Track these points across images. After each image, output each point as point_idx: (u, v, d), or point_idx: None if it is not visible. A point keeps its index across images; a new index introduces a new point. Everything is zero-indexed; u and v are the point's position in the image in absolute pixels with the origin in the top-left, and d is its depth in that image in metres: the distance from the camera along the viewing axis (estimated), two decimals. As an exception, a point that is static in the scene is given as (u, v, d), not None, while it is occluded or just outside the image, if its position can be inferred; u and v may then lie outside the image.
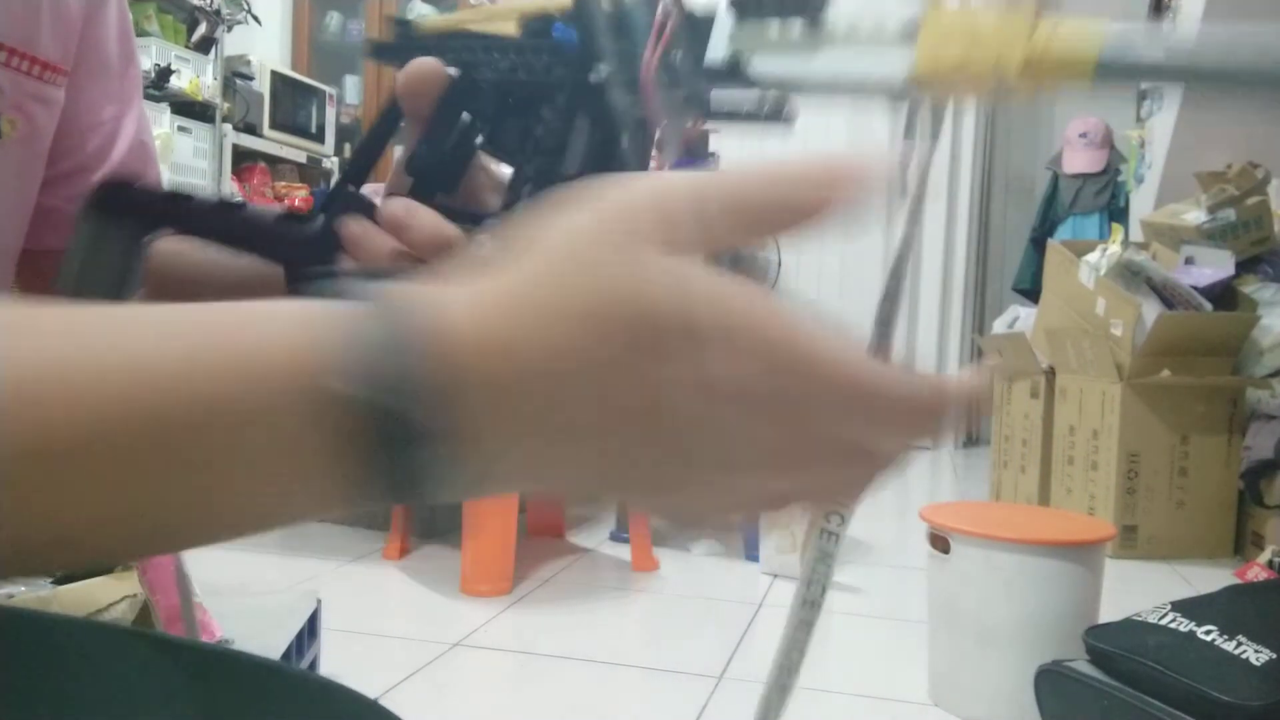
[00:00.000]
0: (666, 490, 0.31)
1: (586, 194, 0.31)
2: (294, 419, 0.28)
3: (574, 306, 0.29)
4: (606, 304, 0.29)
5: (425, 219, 0.43)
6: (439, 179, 0.46)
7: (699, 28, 0.40)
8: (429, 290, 0.30)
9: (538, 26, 0.44)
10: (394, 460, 0.28)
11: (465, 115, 0.45)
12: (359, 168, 0.48)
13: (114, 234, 0.52)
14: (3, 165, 0.57)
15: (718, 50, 0.40)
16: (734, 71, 0.40)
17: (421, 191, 0.46)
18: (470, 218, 0.44)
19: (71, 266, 0.52)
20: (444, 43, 0.46)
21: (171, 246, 0.58)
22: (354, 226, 0.45)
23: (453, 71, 0.45)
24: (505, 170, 0.46)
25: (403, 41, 0.48)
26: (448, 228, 0.43)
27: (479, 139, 0.46)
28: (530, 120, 0.44)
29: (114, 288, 0.53)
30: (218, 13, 3.72)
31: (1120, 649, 1.37)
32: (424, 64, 0.45)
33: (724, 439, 0.29)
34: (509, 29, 0.45)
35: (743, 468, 0.30)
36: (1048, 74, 0.36)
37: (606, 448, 0.29)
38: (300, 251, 0.47)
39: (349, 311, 0.29)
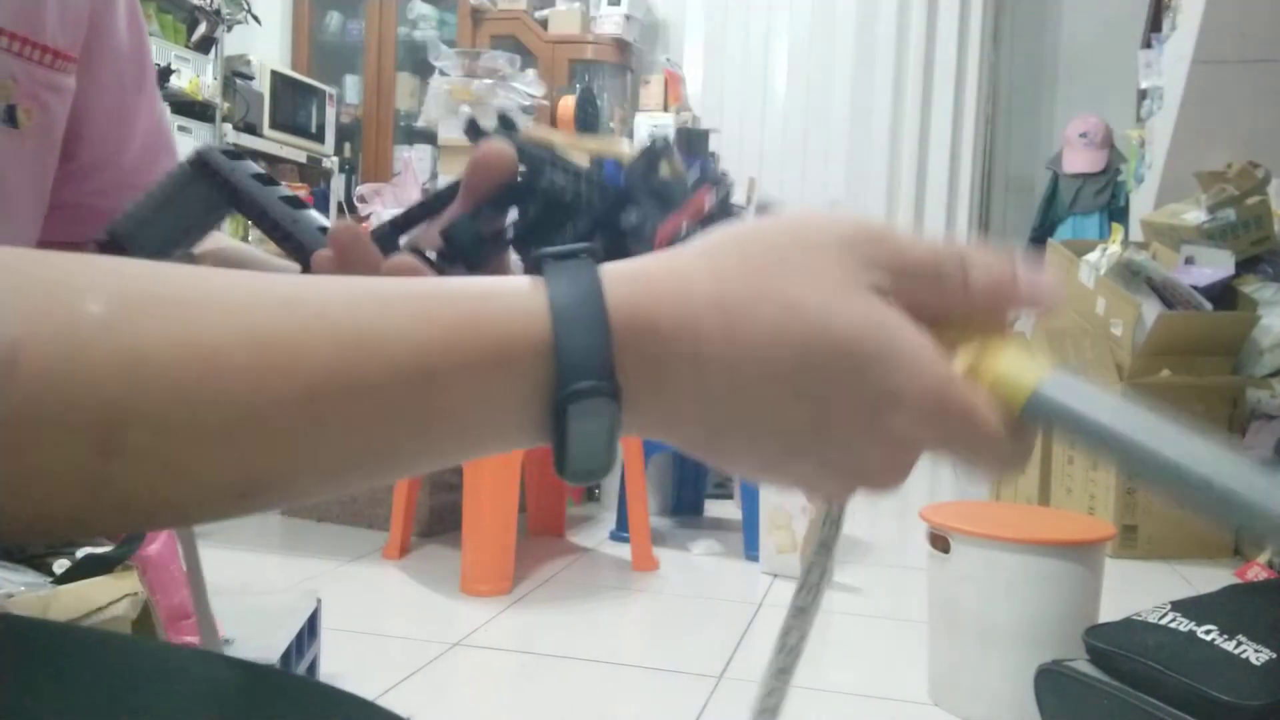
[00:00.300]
0: (782, 472, 0.37)
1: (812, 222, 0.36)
2: (503, 388, 0.32)
3: (783, 334, 0.33)
4: (810, 330, 0.33)
5: (362, 253, 0.48)
6: (468, 254, 0.49)
7: (728, 211, 0.46)
8: (643, 284, 0.34)
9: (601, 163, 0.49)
10: (579, 426, 0.32)
11: (514, 211, 0.49)
12: (410, 218, 0.52)
13: (199, 193, 0.58)
14: (20, 154, 0.57)
15: None
16: None
17: (447, 259, 0.49)
18: None
19: (148, 204, 0.58)
20: (526, 147, 0.49)
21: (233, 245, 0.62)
22: (344, 233, 0.49)
23: (521, 169, 0.48)
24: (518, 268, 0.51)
25: (500, 133, 0.51)
26: (383, 265, 0.47)
27: (511, 235, 0.50)
28: (556, 232, 0.48)
29: (174, 240, 0.59)
30: (218, 12, 3.72)
31: (1120, 649, 1.37)
32: (502, 149, 0.47)
33: (860, 457, 0.35)
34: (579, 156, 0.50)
35: (857, 476, 0.36)
36: (985, 385, 0.36)
37: (766, 444, 0.35)
38: None
39: (559, 300, 0.33)
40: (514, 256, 0.51)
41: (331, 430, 0.31)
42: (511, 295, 0.33)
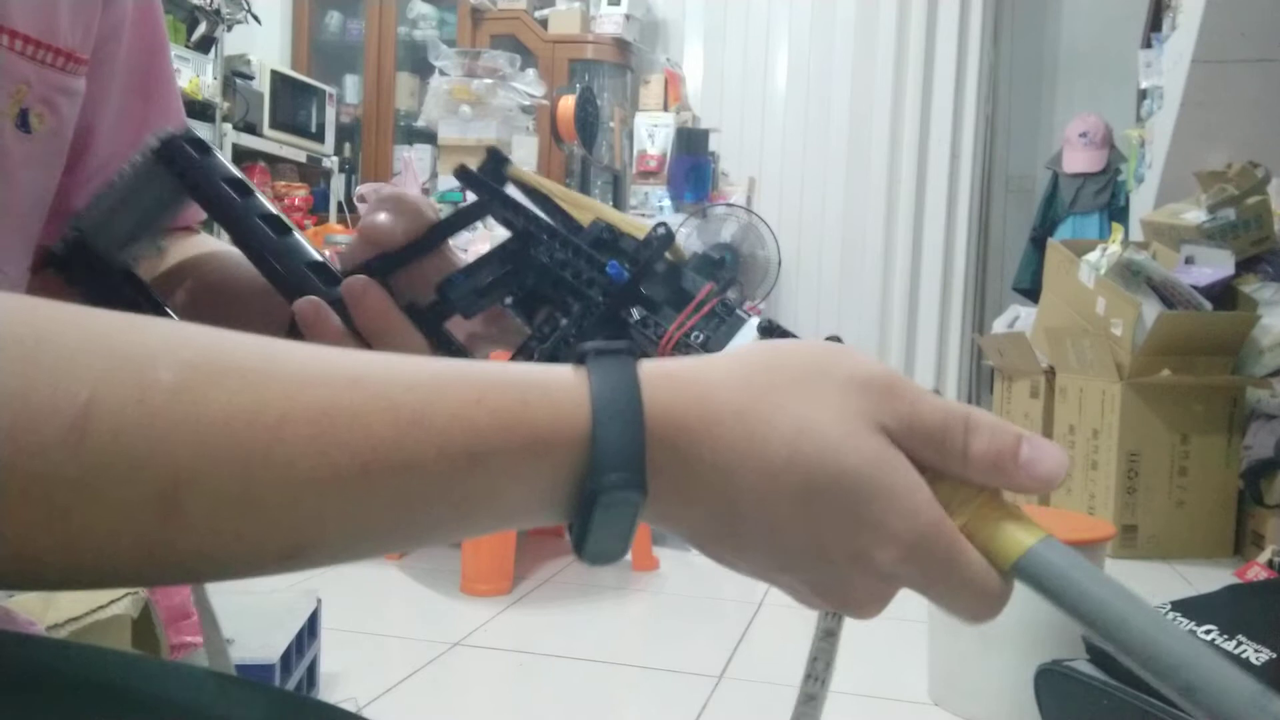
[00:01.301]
0: (773, 580, 0.40)
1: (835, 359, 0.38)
2: (539, 473, 0.34)
3: (797, 452, 0.36)
4: (823, 453, 0.36)
5: (374, 303, 0.50)
6: (462, 305, 0.52)
7: (731, 327, 0.47)
8: (677, 386, 0.36)
9: (604, 240, 0.50)
10: (604, 515, 0.35)
11: (512, 271, 0.51)
12: (389, 262, 0.53)
13: (162, 184, 0.56)
14: (32, 158, 0.56)
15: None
16: None
17: (440, 308, 0.51)
18: (456, 350, 0.52)
19: (111, 196, 0.56)
20: (518, 207, 0.52)
21: (211, 247, 0.60)
22: (307, 306, 0.50)
23: (517, 228, 0.52)
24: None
25: (489, 176, 0.54)
26: (394, 316, 0.50)
27: (509, 299, 0.52)
28: (559, 309, 0.50)
29: (136, 235, 0.57)
30: (218, 12, 3.72)
31: (1120, 649, 1.37)
32: (379, 225, 0.53)
33: (845, 584, 0.38)
34: (583, 217, 0.52)
35: (840, 600, 0.39)
36: (978, 540, 0.37)
37: (763, 554, 0.38)
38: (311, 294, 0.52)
39: (600, 395, 0.35)
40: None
41: (379, 503, 0.32)
42: (557, 387, 0.35)
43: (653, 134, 4.68)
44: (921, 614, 1.71)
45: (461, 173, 0.54)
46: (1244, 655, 1.28)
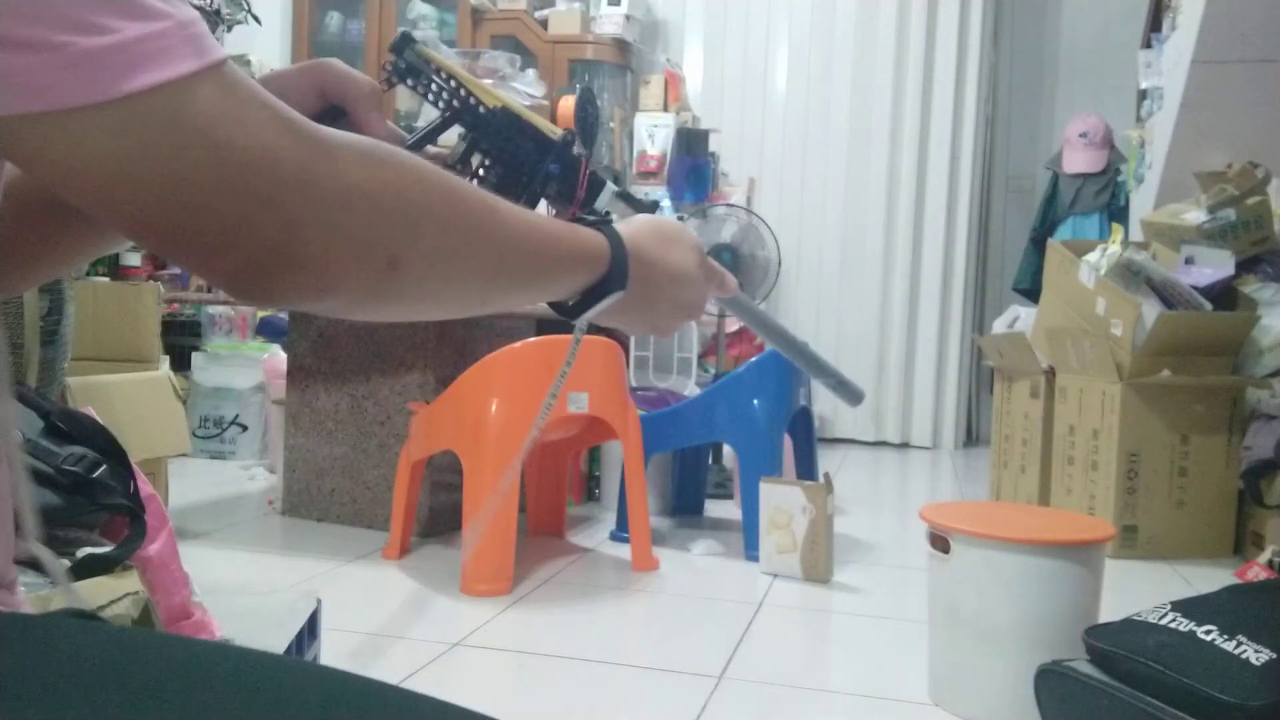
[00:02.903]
0: (659, 316, 0.75)
1: (668, 223, 0.76)
2: (575, 261, 0.66)
3: (675, 250, 0.74)
4: (679, 254, 0.74)
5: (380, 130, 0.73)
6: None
7: (596, 187, 0.80)
8: (620, 228, 0.70)
9: (514, 124, 0.77)
10: (603, 285, 0.68)
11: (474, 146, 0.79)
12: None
13: None
14: None
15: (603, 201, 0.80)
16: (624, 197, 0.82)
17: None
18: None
19: None
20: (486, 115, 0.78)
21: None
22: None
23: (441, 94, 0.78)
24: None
25: (411, 63, 0.77)
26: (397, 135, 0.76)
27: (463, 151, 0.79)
28: (502, 174, 0.78)
29: None
30: (218, 13, 3.72)
31: (1120, 649, 1.37)
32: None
33: (692, 291, 0.76)
34: (487, 99, 0.77)
35: (690, 308, 0.77)
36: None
37: (658, 295, 0.73)
38: None
39: (606, 235, 0.69)
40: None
41: (510, 262, 0.60)
42: (591, 235, 0.67)
43: (653, 134, 4.68)
44: (921, 614, 1.71)
45: (394, 67, 0.75)
46: (1244, 655, 1.28)
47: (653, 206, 0.80)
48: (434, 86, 0.76)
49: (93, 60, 0.40)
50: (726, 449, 3.44)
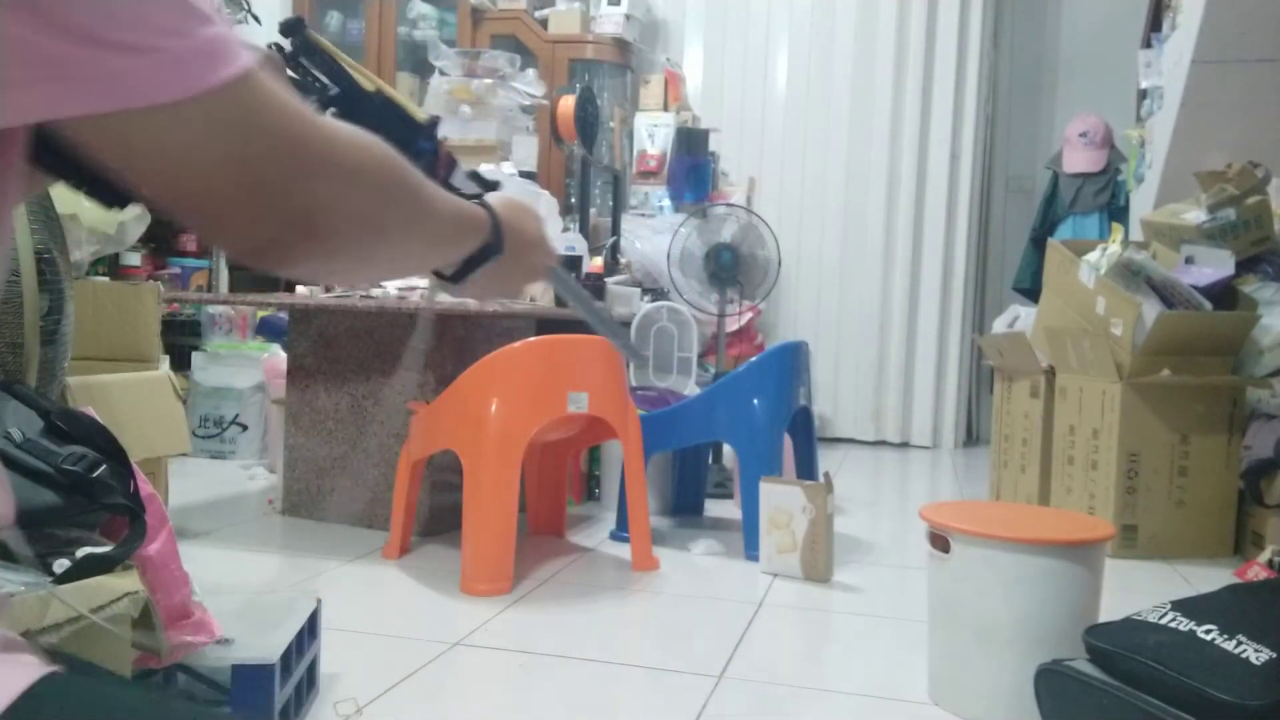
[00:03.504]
0: (516, 278, 0.87)
1: (521, 200, 0.89)
2: (470, 229, 0.77)
3: (528, 219, 0.87)
4: (532, 222, 0.87)
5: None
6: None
7: (454, 166, 0.88)
8: (492, 203, 0.82)
9: (389, 106, 0.85)
10: (484, 251, 0.79)
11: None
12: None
13: None
14: None
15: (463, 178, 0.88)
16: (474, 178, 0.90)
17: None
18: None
19: None
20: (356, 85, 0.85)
21: None
22: None
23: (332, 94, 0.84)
24: None
25: (294, 37, 0.87)
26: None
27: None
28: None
29: None
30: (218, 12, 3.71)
31: (1120, 648, 1.37)
32: None
33: (542, 255, 0.89)
34: (365, 83, 0.84)
35: (538, 270, 0.90)
36: None
37: (520, 260, 0.84)
38: None
39: (485, 210, 0.80)
40: None
41: (443, 229, 0.73)
42: (475, 206, 0.79)
43: (653, 134, 4.68)
44: (921, 614, 1.71)
45: (281, 49, 0.84)
46: (1244, 655, 1.28)
47: (495, 185, 0.90)
48: (323, 69, 0.84)
49: (181, 61, 0.48)
50: (726, 449, 3.44)
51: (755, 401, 2.60)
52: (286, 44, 0.86)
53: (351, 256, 0.61)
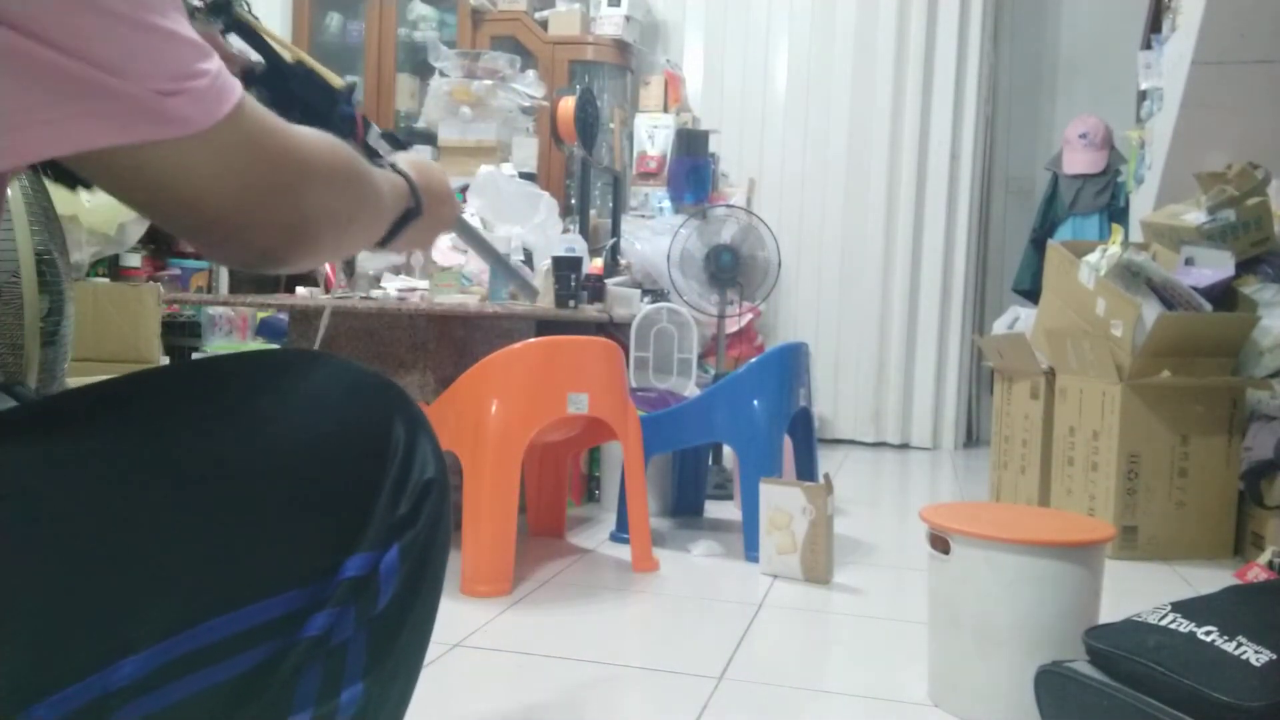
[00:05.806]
0: (431, 231, 0.97)
1: (434, 166, 0.98)
2: (399, 197, 0.87)
3: (436, 176, 0.96)
4: (439, 178, 0.96)
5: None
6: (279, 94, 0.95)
7: (371, 128, 1.01)
8: (405, 169, 0.91)
9: (310, 77, 0.98)
10: (407, 216, 0.89)
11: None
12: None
13: None
14: None
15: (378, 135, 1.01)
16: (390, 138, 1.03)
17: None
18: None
19: None
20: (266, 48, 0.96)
21: None
22: None
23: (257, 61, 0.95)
24: None
25: (229, 24, 0.95)
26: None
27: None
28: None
29: None
30: (218, 13, 3.71)
31: (1120, 649, 1.37)
32: None
33: (450, 208, 0.99)
34: (285, 54, 0.91)
35: (448, 221, 1.00)
36: None
37: (434, 215, 0.94)
38: None
39: (402, 175, 0.90)
40: None
41: (385, 207, 0.82)
42: (399, 178, 0.87)
43: (653, 135, 4.68)
44: (921, 615, 1.71)
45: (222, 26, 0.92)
46: (1244, 656, 1.28)
47: (406, 144, 0.98)
48: (250, 43, 0.92)
49: (202, 97, 0.55)
50: (726, 449, 3.44)
51: (755, 402, 2.61)
52: (218, 22, 0.94)
53: (329, 249, 0.69)
